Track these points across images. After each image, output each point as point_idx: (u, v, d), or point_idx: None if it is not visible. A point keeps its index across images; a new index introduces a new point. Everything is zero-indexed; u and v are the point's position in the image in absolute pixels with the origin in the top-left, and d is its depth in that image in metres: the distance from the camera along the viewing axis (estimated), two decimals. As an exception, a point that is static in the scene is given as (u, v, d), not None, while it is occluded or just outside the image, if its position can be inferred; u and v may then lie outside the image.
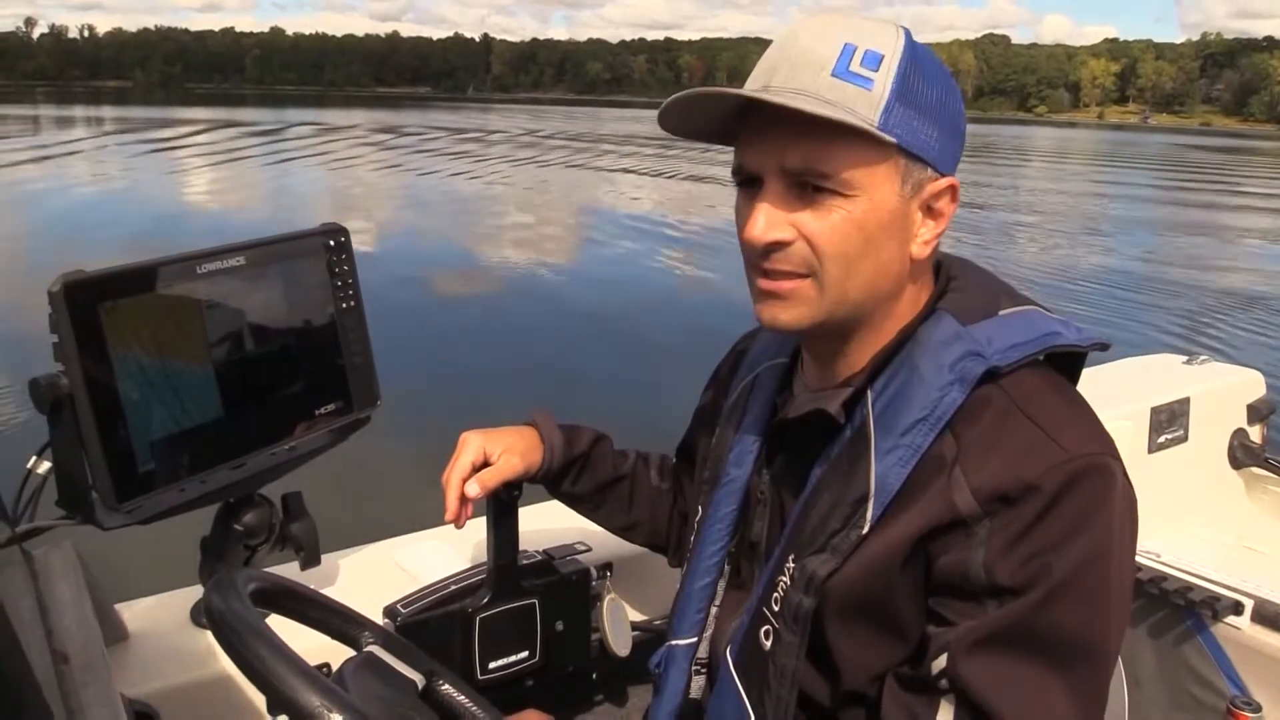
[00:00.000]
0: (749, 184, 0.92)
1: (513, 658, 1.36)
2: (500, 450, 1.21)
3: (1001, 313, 0.92)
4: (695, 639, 1.10)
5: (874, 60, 0.86)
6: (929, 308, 0.94)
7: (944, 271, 0.98)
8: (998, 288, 0.96)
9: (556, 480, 1.28)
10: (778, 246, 0.89)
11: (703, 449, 1.19)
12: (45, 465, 1.06)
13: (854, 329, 0.95)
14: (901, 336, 0.93)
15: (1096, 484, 0.83)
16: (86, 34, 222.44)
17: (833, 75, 0.86)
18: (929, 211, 0.92)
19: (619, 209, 17.25)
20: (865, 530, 0.87)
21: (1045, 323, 0.93)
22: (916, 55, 0.88)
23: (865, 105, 0.85)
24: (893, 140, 0.86)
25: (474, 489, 1.18)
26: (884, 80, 0.86)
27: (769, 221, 0.89)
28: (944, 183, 0.91)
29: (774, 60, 0.89)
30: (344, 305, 1.30)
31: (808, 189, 0.88)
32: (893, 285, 0.93)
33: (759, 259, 0.91)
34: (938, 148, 0.89)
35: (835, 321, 0.93)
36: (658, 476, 1.35)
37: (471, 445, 1.20)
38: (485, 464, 1.21)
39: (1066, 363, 0.95)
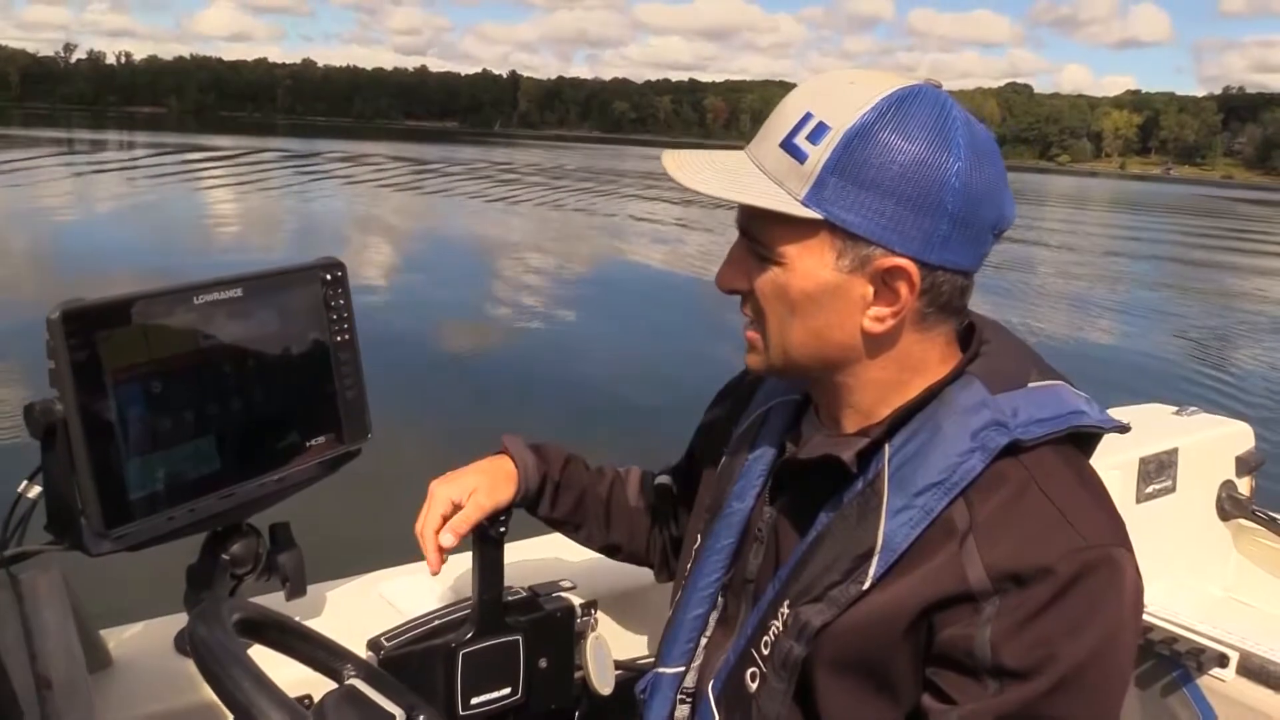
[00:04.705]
0: None
1: (495, 694, 1.36)
2: (468, 493, 1.22)
3: (1030, 385, 0.91)
4: (683, 668, 1.11)
5: (821, 133, 0.85)
6: (958, 369, 0.92)
7: (977, 334, 0.96)
8: (1029, 358, 0.95)
9: (534, 502, 1.30)
10: (735, 294, 0.95)
11: (703, 471, 1.19)
12: (36, 490, 1.07)
13: (832, 383, 0.95)
14: (926, 394, 0.91)
15: (1110, 575, 0.83)
16: (123, 60, 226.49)
17: (779, 145, 0.88)
18: (886, 288, 0.88)
19: (634, 230, 17.31)
20: (866, 586, 0.87)
21: (1072, 400, 0.92)
22: (882, 124, 0.84)
23: (796, 178, 0.86)
24: (818, 216, 0.86)
25: (448, 540, 1.20)
26: (821, 153, 0.85)
27: (724, 271, 0.95)
28: (890, 261, 0.86)
29: (769, 118, 0.92)
30: (338, 338, 1.32)
31: (757, 246, 0.91)
32: (842, 353, 0.92)
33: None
34: (886, 224, 0.85)
35: (794, 371, 0.96)
36: (636, 495, 1.36)
37: (439, 497, 1.22)
38: (458, 509, 1.22)
39: (1082, 439, 0.93)
